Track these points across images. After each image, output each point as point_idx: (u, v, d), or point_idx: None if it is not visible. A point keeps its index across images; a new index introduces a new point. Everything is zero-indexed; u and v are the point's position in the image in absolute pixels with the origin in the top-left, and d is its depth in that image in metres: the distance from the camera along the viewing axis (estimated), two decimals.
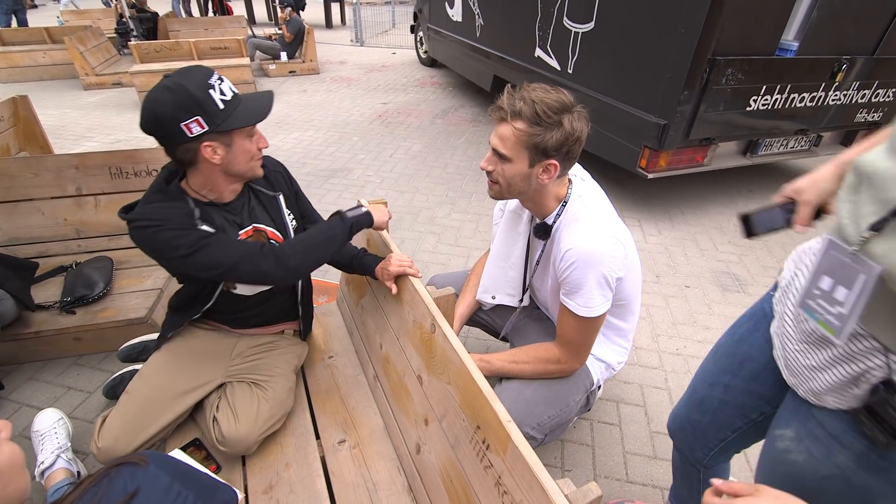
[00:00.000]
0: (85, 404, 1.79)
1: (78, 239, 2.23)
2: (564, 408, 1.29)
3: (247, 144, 1.18)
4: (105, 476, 0.59)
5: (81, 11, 9.14)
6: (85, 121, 5.02)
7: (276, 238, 1.35)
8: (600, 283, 1.12)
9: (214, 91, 1.07)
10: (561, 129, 1.06)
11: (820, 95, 2.90)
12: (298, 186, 1.49)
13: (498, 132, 1.12)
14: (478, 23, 4.93)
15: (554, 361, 1.26)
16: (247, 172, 1.24)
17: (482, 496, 0.94)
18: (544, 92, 1.07)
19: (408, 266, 1.33)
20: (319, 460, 1.32)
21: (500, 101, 1.11)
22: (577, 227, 1.16)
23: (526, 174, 1.13)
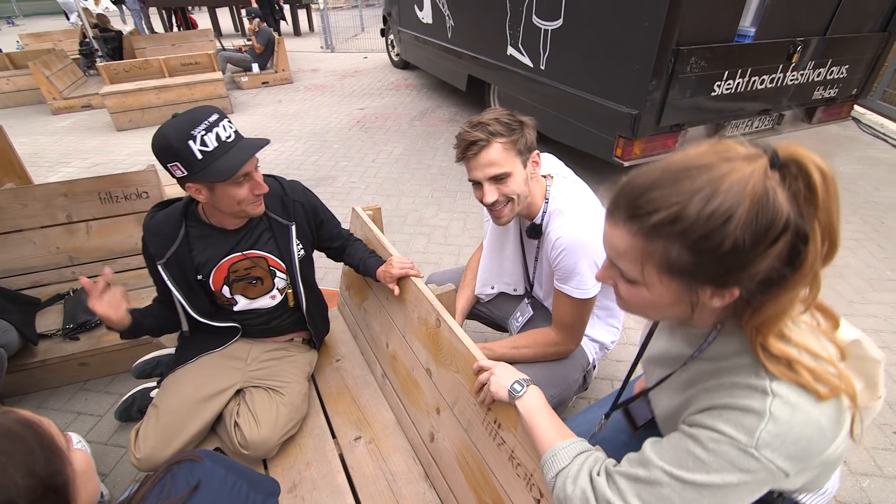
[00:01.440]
0: (96, 428, 1.81)
1: (72, 266, 2.25)
2: (565, 387, 1.38)
3: (232, 191, 1.19)
4: (168, 472, 0.65)
5: (41, 34, 8.91)
6: (58, 146, 4.94)
7: (276, 266, 1.42)
8: (590, 267, 1.22)
9: (195, 142, 1.09)
10: (526, 126, 1.20)
11: (779, 77, 3.05)
12: (325, 215, 1.52)
13: (483, 161, 1.18)
14: (448, 24, 5.01)
15: (552, 344, 1.35)
16: (237, 214, 1.27)
17: (497, 471, 1.03)
18: (490, 113, 1.20)
19: (409, 268, 1.40)
20: (338, 457, 1.39)
21: (468, 138, 1.18)
22: (563, 218, 1.26)
23: (525, 177, 1.23)
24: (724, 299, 0.60)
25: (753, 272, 0.55)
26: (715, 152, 0.57)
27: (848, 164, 4.01)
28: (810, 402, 0.57)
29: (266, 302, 1.47)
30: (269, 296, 1.46)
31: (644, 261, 0.61)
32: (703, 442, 0.61)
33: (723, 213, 0.53)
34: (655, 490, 0.64)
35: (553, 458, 0.79)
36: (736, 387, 0.62)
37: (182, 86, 5.55)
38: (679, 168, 0.58)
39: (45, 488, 0.52)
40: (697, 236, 0.55)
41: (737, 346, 0.65)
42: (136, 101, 5.33)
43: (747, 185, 0.53)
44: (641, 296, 0.66)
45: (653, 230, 0.58)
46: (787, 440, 0.56)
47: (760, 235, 0.53)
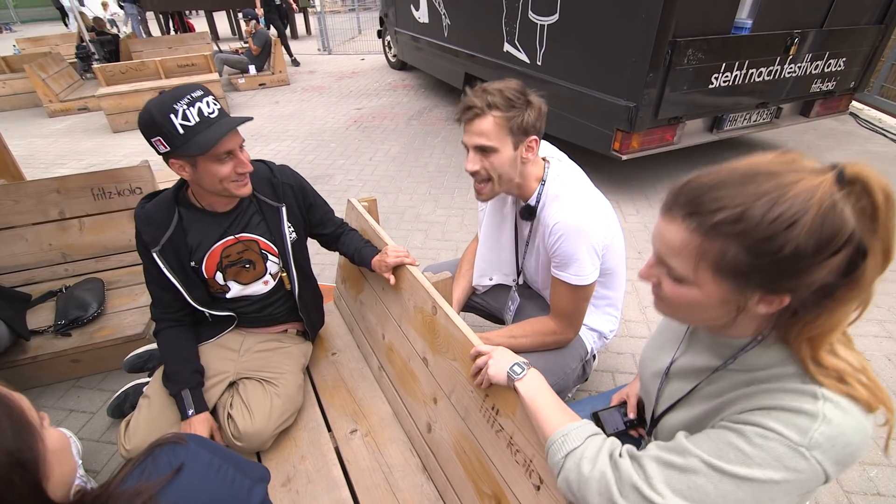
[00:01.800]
0: (89, 425, 1.78)
1: (64, 263, 2.22)
2: (563, 376, 1.35)
3: (214, 168, 1.17)
4: (149, 454, 0.63)
5: (38, 38, 8.91)
6: (54, 148, 4.92)
7: (268, 249, 1.39)
8: (589, 252, 1.19)
9: (177, 116, 1.09)
10: (532, 106, 1.15)
11: (776, 69, 3.04)
12: (315, 198, 1.50)
13: (475, 129, 1.17)
14: (445, 23, 5.00)
15: (550, 333, 1.32)
16: (221, 193, 1.25)
17: (495, 459, 1.00)
18: (501, 83, 1.15)
19: (405, 256, 1.38)
20: (334, 450, 1.36)
21: (468, 102, 1.16)
22: (561, 202, 1.22)
23: (513, 158, 1.19)
24: (772, 306, 0.60)
25: (810, 281, 0.55)
26: (782, 162, 0.58)
27: (846, 158, 3.98)
28: (859, 409, 0.58)
29: (259, 288, 1.45)
30: (262, 281, 1.44)
31: (699, 259, 0.60)
32: (748, 436, 0.60)
33: (788, 218, 0.54)
34: (689, 478, 0.62)
35: (564, 438, 0.75)
36: (783, 391, 0.61)
37: None
38: (745, 172, 0.59)
39: (11, 463, 0.49)
40: (759, 238, 0.55)
41: (777, 357, 0.64)
42: (132, 102, 5.31)
43: (815, 194, 0.53)
44: (687, 296, 0.64)
45: (713, 228, 0.58)
46: (839, 443, 0.56)
47: (824, 244, 0.53)
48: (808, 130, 4.54)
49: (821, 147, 4.24)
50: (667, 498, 0.62)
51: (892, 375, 1.91)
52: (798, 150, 0.60)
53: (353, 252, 1.51)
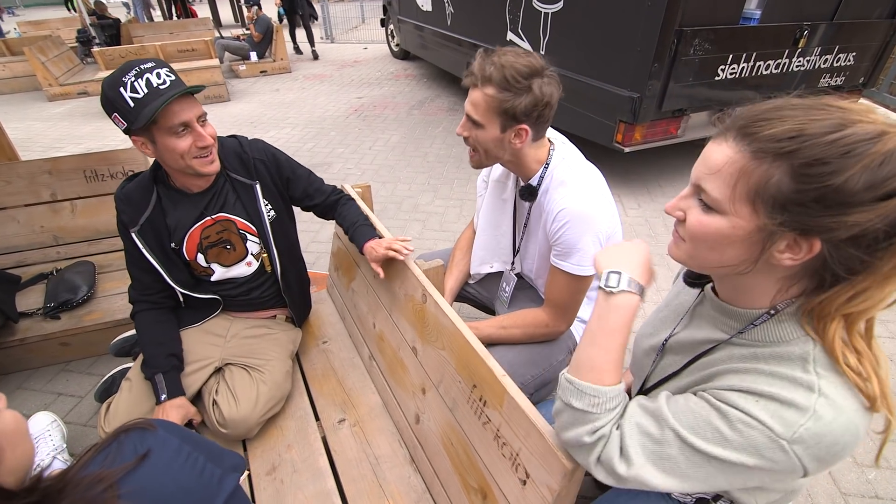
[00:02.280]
0: (77, 409, 1.76)
1: (56, 246, 2.19)
2: (548, 367, 1.31)
3: (172, 142, 1.13)
4: (115, 440, 0.60)
5: (39, 22, 8.84)
6: (52, 132, 4.89)
7: (245, 229, 1.35)
8: (593, 242, 1.14)
9: (126, 89, 1.05)
10: (530, 93, 1.06)
11: (784, 62, 2.98)
12: (293, 170, 1.42)
13: (470, 98, 1.13)
14: (448, 11, 4.93)
15: (542, 325, 1.28)
16: (185, 170, 1.20)
17: (482, 451, 0.97)
18: (515, 56, 1.06)
19: (398, 251, 1.27)
20: (321, 440, 1.33)
21: (472, 66, 1.11)
22: (568, 188, 1.17)
23: (498, 139, 1.14)
24: (799, 254, 0.55)
25: (851, 221, 0.50)
26: (858, 107, 0.54)
27: None
28: (856, 408, 0.56)
29: (242, 269, 1.42)
30: (245, 262, 1.40)
31: (738, 180, 0.56)
32: (731, 420, 0.58)
33: (848, 144, 0.50)
34: (662, 448, 0.63)
35: (597, 395, 0.67)
36: (776, 377, 0.58)
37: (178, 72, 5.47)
38: (816, 102, 0.55)
39: None
40: (811, 158, 0.51)
41: (787, 335, 0.61)
42: None
43: (882, 135, 0.50)
44: (713, 226, 0.60)
45: (764, 145, 0.54)
46: (824, 442, 0.54)
47: (877, 182, 0.49)
48: None
49: None
50: (636, 465, 0.63)
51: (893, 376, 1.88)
52: None
53: (349, 227, 1.43)
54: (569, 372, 0.72)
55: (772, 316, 0.63)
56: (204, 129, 1.18)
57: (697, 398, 0.63)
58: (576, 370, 0.71)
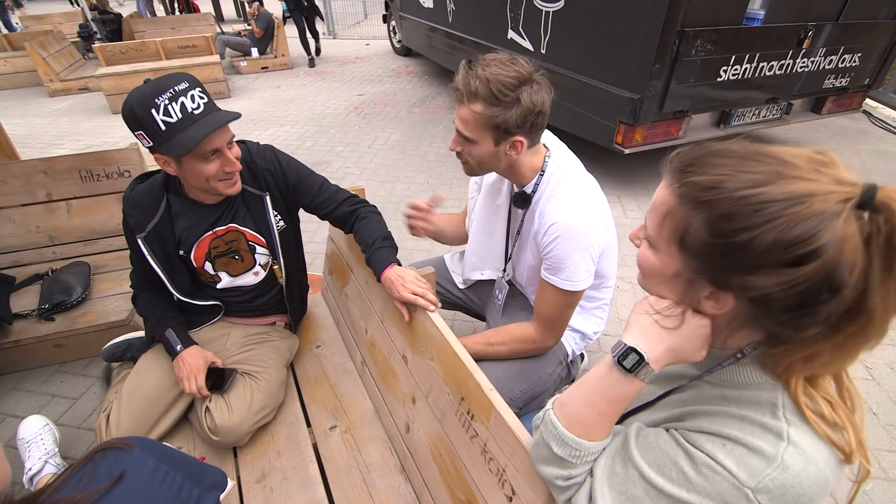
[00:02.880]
0: (71, 411, 1.77)
1: (52, 246, 2.19)
2: (537, 381, 1.29)
3: (200, 166, 1.12)
4: (89, 461, 0.59)
5: (41, 16, 8.83)
6: (52, 128, 4.89)
7: (255, 240, 1.34)
8: (584, 258, 1.11)
9: (158, 111, 1.03)
10: (520, 105, 1.01)
11: (788, 63, 2.94)
12: (300, 178, 1.37)
13: (458, 114, 1.08)
14: (449, 8, 4.89)
15: (530, 341, 1.25)
16: (207, 191, 1.19)
17: (470, 465, 0.96)
18: (500, 66, 1.01)
19: (422, 295, 1.13)
20: (311, 447, 1.33)
21: (456, 81, 1.06)
22: (561, 201, 1.13)
23: (493, 152, 1.11)
24: (719, 306, 0.55)
25: (752, 283, 0.49)
26: (810, 159, 0.51)
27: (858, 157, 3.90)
28: (827, 458, 0.53)
29: (249, 279, 1.41)
30: (252, 272, 1.40)
31: (666, 219, 0.57)
32: (697, 463, 0.56)
33: (760, 203, 0.47)
34: (627, 489, 0.62)
35: (579, 448, 0.65)
36: (745, 421, 0.56)
37: (178, 69, 5.47)
38: (759, 151, 0.53)
39: None
40: (721, 213, 0.50)
41: (754, 379, 0.59)
42: (131, 83, 5.24)
43: (809, 199, 0.46)
44: (650, 260, 0.61)
45: (688, 191, 0.54)
46: (790, 494, 0.51)
47: (780, 246, 0.46)
48: (819, 128, 4.43)
49: (831, 146, 4.13)
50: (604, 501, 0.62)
51: (894, 385, 1.86)
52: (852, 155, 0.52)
53: (364, 248, 1.31)
54: (556, 412, 0.67)
55: (738, 359, 0.61)
56: (231, 153, 1.16)
57: (668, 436, 0.62)
58: (564, 416, 0.66)
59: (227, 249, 1.34)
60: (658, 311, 0.60)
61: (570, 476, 0.66)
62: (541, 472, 0.70)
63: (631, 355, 0.61)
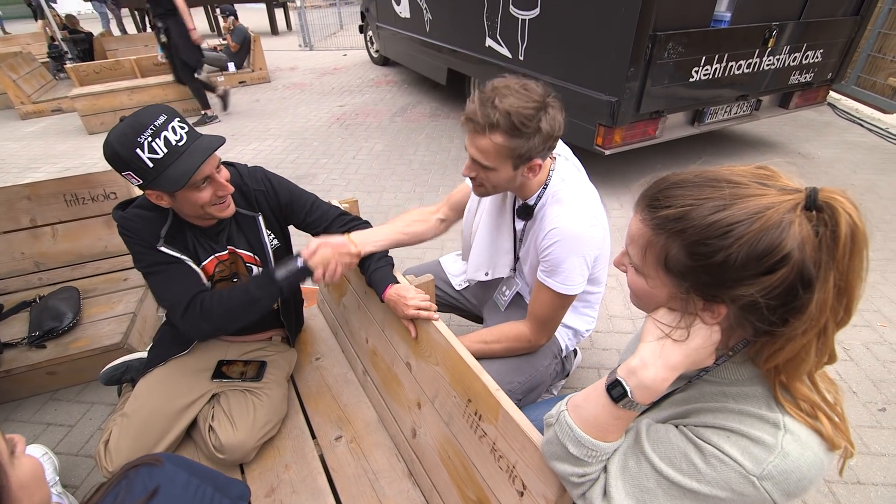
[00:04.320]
0: (67, 439, 1.74)
1: (38, 272, 2.15)
2: (534, 373, 1.34)
3: (193, 196, 1.12)
4: (124, 478, 0.60)
5: (8, 37, 8.63)
6: (27, 152, 4.78)
7: (251, 261, 1.35)
8: (580, 264, 1.16)
9: (143, 150, 1.02)
10: (540, 133, 1.03)
11: (755, 62, 3.07)
12: (291, 196, 1.38)
13: (476, 144, 1.08)
14: (426, 17, 4.95)
15: (524, 340, 1.30)
16: (203, 217, 1.20)
17: (479, 464, 0.99)
18: (517, 97, 1.01)
19: (425, 308, 1.17)
20: (318, 458, 1.34)
21: (471, 112, 1.06)
22: (562, 207, 1.17)
23: (511, 177, 1.13)
24: (714, 315, 0.61)
25: (737, 294, 0.56)
26: (755, 175, 0.58)
27: (825, 148, 4.07)
28: (819, 443, 0.58)
29: None
30: None
31: (646, 250, 0.64)
32: (705, 454, 0.61)
33: (725, 227, 0.54)
34: (639, 482, 0.66)
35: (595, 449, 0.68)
36: (745, 414, 0.62)
37: (155, 86, 5.42)
38: (712, 177, 0.59)
39: None
40: (694, 240, 0.57)
41: (747, 374, 0.65)
42: (107, 103, 5.18)
43: (765, 211, 0.53)
44: (642, 286, 0.68)
45: (659, 223, 0.61)
46: (792, 478, 0.56)
47: (753, 259, 0.53)
48: (788, 122, 4.61)
49: (799, 138, 4.30)
50: (616, 501, 0.66)
51: (871, 365, 1.95)
52: (789, 165, 0.59)
53: (364, 270, 1.34)
54: (571, 413, 0.70)
55: (730, 357, 0.66)
56: (221, 176, 1.16)
57: (677, 431, 0.66)
58: (580, 418, 0.69)
59: (229, 273, 1.34)
60: (668, 325, 0.64)
61: (584, 473, 0.70)
62: (554, 468, 0.73)
63: (618, 388, 0.65)
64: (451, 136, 4.68)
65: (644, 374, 0.63)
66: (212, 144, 1.11)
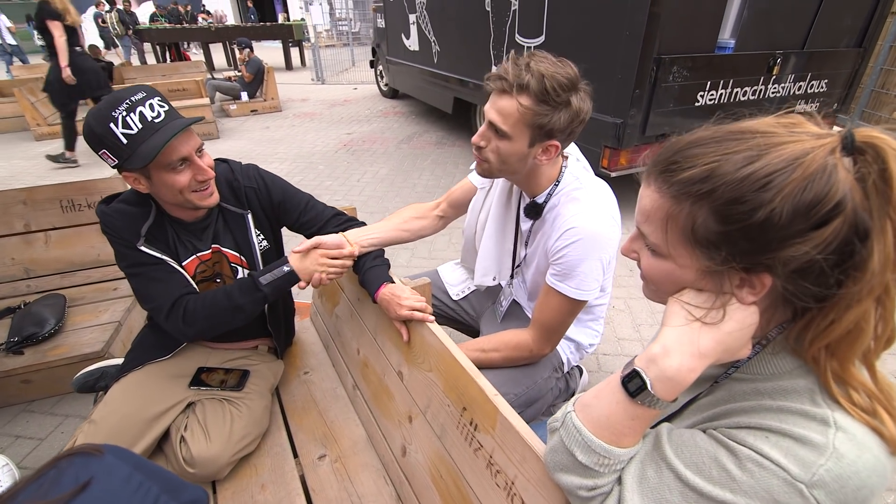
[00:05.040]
0: (35, 452, 1.62)
1: (27, 279, 2.09)
2: (532, 385, 1.23)
3: (170, 178, 1.06)
4: (53, 467, 0.52)
5: (32, 66, 8.98)
6: (36, 170, 4.84)
7: (236, 261, 1.29)
8: (597, 267, 1.07)
9: (117, 125, 0.98)
10: (569, 108, 0.97)
11: (760, 88, 3.07)
12: (285, 195, 1.32)
13: (498, 105, 1.00)
14: (434, 49, 5.08)
15: (525, 350, 1.19)
16: (183, 204, 1.13)
17: (474, 482, 0.88)
18: (552, 65, 0.96)
19: (420, 309, 1.10)
20: (298, 479, 1.22)
21: (502, 70, 0.99)
22: (580, 206, 1.09)
23: (524, 154, 1.04)
24: (756, 290, 0.52)
25: (787, 256, 0.47)
26: (781, 123, 0.51)
27: None
28: (879, 443, 0.48)
29: None
30: None
31: (668, 225, 0.54)
32: (740, 458, 0.50)
33: (762, 178, 0.46)
34: (660, 496, 0.54)
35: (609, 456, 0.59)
36: (785, 412, 0.51)
37: None
38: (734, 130, 0.52)
39: None
40: (727, 199, 0.48)
41: (785, 367, 0.55)
42: None
43: (804, 156, 0.46)
44: (663, 269, 0.58)
45: (681, 188, 0.52)
46: (850, 486, 0.46)
47: (802, 211, 0.45)
48: None
49: None
50: None
51: None
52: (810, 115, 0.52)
53: (356, 269, 1.27)
54: (579, 414, 0.60)
55: (763, 347, 0.57)
56: (202, 161, 1.11)
57: (705, 435, 0.56)
58: (589, 419, 0.59)
59: (211, 273, 1.27)
60: (698, 306, 0.55)
61: (594, 486, 0.59)
62: (559, 481, 0.63)
63: (635, 380, 0.55)
64: (456, 162, 4.69)
65: (667, 363, 0.53)
66: (189, 120, 1.07)
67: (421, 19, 5.20)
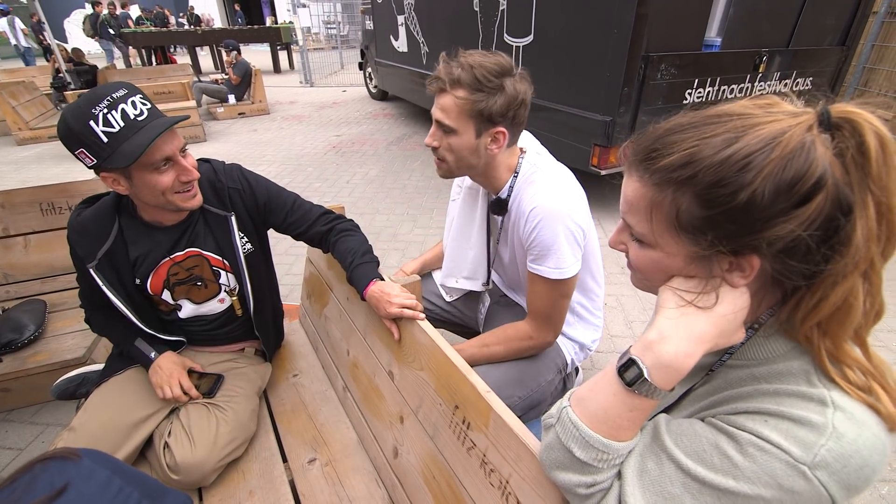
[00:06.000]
0: (14, 463, 1.57)
1: (6, 284, 2.03)
2: (536, 388, 1.22)
3: (152, 179, 1.02)
4: (28, 472, 0.49)
5: (15, 70, 8.82)
6: (18, 175, 4.74)
7: (218, 265, 1.25)
8: (569, 240, 1.07)
9: (97, 123, 0.94)
10: (503, 92, 1.01)
11: (747, 86, 3.10)
12: (270, 196, 1.28)
13: (439, 104, 1.06)
14: (423, 50, 5.07)
15: (525, 338, 1.19)
16: (165, 206, 1.09)
17: (467, 482, 0.86)
18: (482, 56, 1.02)
19: (411, 306, 1.08)
20: (288, 484, 1.19)
21: (437, 72, 1.06)
22: (537, 187, 1.11)
23: (474, 146, 1.07)
24: (746, 272, 0.52)
25: (772, 236, 0.47)
26: (757, 104, 0.51)
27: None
28: (877, 421, 0.48)
29: (214, 306, 1.30)
30: (218, 299, 1.29)
31: (652, 214, 0.54)
32: (741, 444, 0.50)
33: (741, 159, 0.46)
34: (662, 489, 0.53)
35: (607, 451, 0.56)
36: (782, 394, 0.51)
37: None
38: (710, 114, 0.52)
39: None
40: (708, 183, 0.48)
41: (779, 349, 0.54)
42: None
43: (782, 135, 0.46)
44: (650, 258, 0.58)
45: (663, 176, 0.52)
46: (852, 464, 0.45)
47: (783, 190, 0.45)
48: None
49: None
50: None
51: None
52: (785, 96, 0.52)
53: (345, 266, 1.22)
54: (575, 408, 0.58)
55: (756, 331, 0.57)
56: (186, 161, 1.08)
57: (704, 423, 0.55)
58: (586, 413, 0.57)
59: (187, 276, 1.23)
60: (690, 291, 0.54)
61: (593, 483, 0.57)
62: (556, 479, 0.61)
63: (632, 368, 0.53)
64: None
65: (663, 349, 0.52)
66: (174, 119, 1.03)
67: (409, 20, 5.19)
